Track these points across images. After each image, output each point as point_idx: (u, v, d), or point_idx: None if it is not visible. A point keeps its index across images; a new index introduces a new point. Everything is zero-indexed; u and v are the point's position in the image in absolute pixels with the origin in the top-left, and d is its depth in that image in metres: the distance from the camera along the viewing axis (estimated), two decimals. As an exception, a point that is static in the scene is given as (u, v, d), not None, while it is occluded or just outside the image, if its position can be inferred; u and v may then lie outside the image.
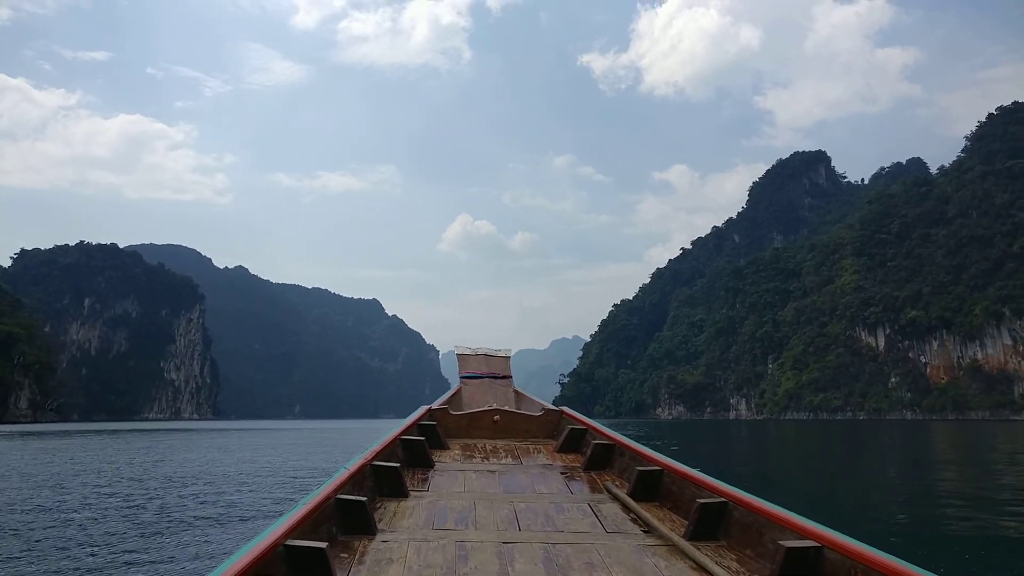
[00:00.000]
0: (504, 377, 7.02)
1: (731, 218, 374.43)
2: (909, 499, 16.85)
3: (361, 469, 3.58)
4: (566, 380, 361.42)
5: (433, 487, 4.08)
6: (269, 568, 2.18)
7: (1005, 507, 14.79)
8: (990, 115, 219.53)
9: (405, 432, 4.82)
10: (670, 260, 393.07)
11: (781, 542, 2.57)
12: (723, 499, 3.19)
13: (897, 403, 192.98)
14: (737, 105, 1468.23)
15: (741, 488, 3.22)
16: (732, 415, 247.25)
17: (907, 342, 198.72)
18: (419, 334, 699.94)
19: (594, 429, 5.18)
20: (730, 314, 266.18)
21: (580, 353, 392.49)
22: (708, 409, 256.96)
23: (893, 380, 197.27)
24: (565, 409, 5.98)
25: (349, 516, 3.03)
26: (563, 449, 5.28)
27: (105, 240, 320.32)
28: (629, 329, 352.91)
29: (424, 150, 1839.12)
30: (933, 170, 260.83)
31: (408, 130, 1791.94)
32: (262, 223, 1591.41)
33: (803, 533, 2.61)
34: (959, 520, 12.54)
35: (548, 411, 6.12)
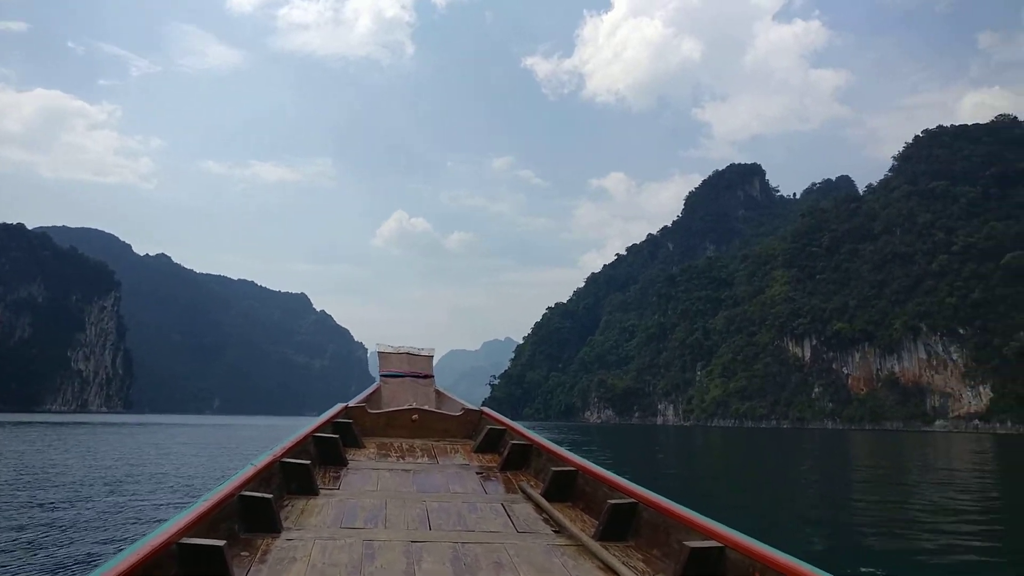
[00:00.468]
0: (426, 376, 7.04)
1: (666, 226, 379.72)
2: (815, 503, 18.22)
3: (269, 466, 3.49)
4: (496, 381, 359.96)
5: (345, 485, 4.03)
6: (160, 568, 2.11)
7: (905, 512, 16.30)
8: (916, 137, 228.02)
9: (319, 429, 4.74)
10: (605, 266, 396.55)
11: (686, 542, 2.63)
12: (633, 500, 3.23)
13: (819, 412, 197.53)
14: (676, 115, 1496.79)
15: (652, 490, 3.26)
16: (659, 420, 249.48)
17: (832, 353, 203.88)
18: (348, 331, 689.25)
19: (513, 430, 5.25)
20: (662, 320, 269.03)
21: (512, 355, 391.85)
22: (636, 414, 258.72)
23: (817, 390, 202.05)
24: (485, 409, 6.04)
25: (253, 514, 2.95)
26: (481, 449, 5.34)
27: (13, 220, 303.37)
28: (562, 332, 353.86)
29: (362, 144, 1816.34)
30: (860, 188, 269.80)
31: (346, 123, 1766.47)
32: (189, 211, 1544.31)
33: (707, 534, 2.67)
34: (860, 524, 13.90)
35: (468, 411, 6.14)
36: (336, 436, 4.68)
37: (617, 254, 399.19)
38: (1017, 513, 18.44)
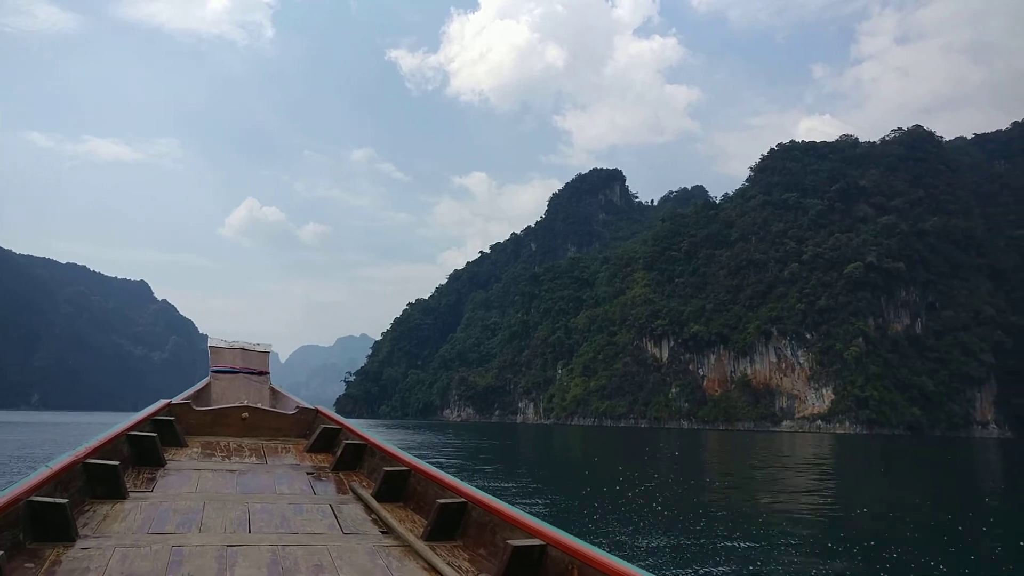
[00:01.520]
0: (261, 373, 6.88)
1: (530, 226, 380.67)
2: (651, 500, 18.94)
3: (67, 468, 3.24)
4: (352, 378, 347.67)
5: (159, 488, 3.84)
6: None
7: (740, 507, 18.37)
8: (772, 150, 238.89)
9: (134, 427, 4.51)
10: (468, 263, 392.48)
11: (510, 541, 2.70)
12: (463, 499, 3.28)
13: (676, 412, 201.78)
14: (538, 121, 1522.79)
15: (482, 489, 3.33)
16: (520, 419, 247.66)
17: (688, 355, 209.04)
18: (191, 322, 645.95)
19: (348, 429, 5.21)
20: (524, 319, 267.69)
21: (369, 352, 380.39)
22: (497, 412, 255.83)
23: (674, 390, 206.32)
24: (321, 408, 5.98)
25: (42, 521, 2.72)
26: (314, 449, 5.28)
27: None
28: (423, 329, 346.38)
29: (212, 127, 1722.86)
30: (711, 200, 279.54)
31: (195, 104, 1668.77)
32: (9, 186, 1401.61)
33: (531, 532, 2.75)
34: (689, 520, 15.66)
35: (303, 410, 6.05)
36: (154, 435, 4.41)
37: (481, 252, 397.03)
38: (842, 503, 22.13)
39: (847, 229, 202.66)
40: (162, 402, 5.46)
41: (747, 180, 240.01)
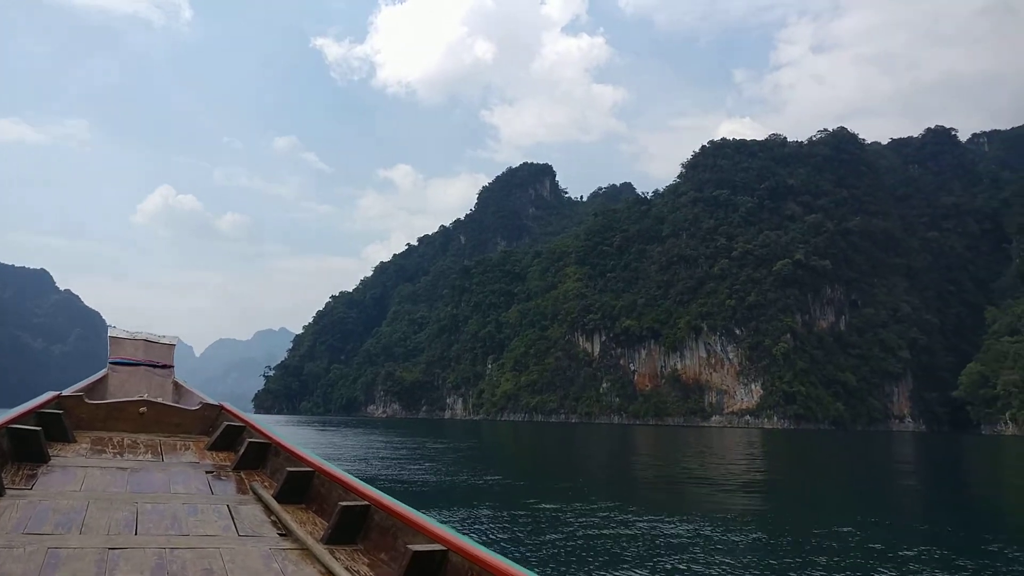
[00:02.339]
0: (164, 367, 6.62)
1: (459, 219, 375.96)
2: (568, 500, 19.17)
3: None
4: (272, 373, 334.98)
5: (40, 486, 3.61)
6: None
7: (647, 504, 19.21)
8: (703, 147, 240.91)
9: (16, 421, 4.26)
10: (395, 255, 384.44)
11: (410, 546, 2.66)
12: (366, 502, 3.21)
13: (607, 407, 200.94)
14: (466, 115, 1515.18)
15: (384, 491, 3.26)
16: (448, 415, 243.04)
17: (620, 350, 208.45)
18: (98, 314, 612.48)
19: (252, 427, 5.07)
20: (454, 312, 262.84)
21: (290, 346, 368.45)
22: (424, 408, 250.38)
23: (605, 385, 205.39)
24: (225, 405, 5.82)
25: None
26: (216, 447, 5.10)
27: None
28: (347, 322, 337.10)
29: (124, 109, 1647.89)
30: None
31: (106, 84, 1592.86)
32: None
33: (432, 537, 2.70)
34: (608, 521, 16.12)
35: (207, 406, 5.85)
36: (38, 428, 4.18)
37: (408, 244, 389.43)
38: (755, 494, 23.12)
39: (776, 227, 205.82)
40: (50, 394, 5.09)
41: (678, 176, 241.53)
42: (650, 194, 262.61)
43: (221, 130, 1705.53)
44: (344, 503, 3.18)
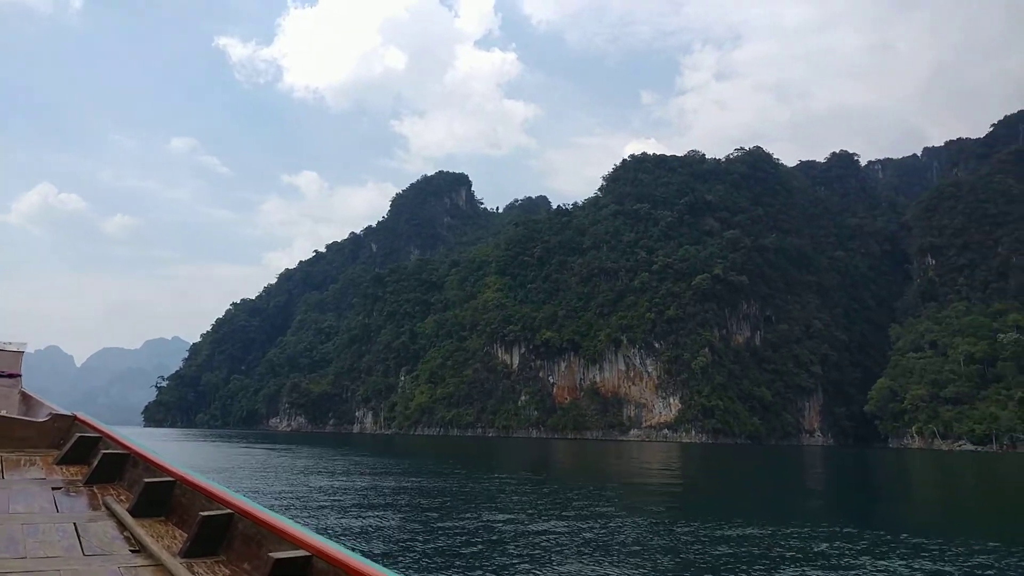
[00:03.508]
0: (10, 376, 6.35)
1: (370, 226, 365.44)
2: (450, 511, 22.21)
3: None
4: (165, 384, 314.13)
5: None
6: None
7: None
8: (624, 161, 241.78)
9: None
10: (301, 262, 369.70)
11: (271, 553, 2.60)
12: (229, 511, 3.09)
13: (525, 421, 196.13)
14: (375, 124, 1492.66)
15: (250, 499, 3.16)
16: (357, 428, 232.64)
17: (539, 362, 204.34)
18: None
19: (109, 437, 4.76)
20: (366, 322, 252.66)
21: (185, 355, 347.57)
22: (332, 421, 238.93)
23: (523, 398, 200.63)
24: (79, 415, 5.42)
25: None
26: (67, 460, 4.75)
27: None
28: (249, 331, 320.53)
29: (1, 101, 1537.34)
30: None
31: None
32: None
33: (297, 543, 2.65)
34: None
35: (57, 417, 5.43)
36: None
37: (316, 251, 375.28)
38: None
39: (695, 241, 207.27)
40: None
41: (599, 189, 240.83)
42: (573, 204, 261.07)
43: (109, 127, 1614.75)
44: (205, 513, 3.03)
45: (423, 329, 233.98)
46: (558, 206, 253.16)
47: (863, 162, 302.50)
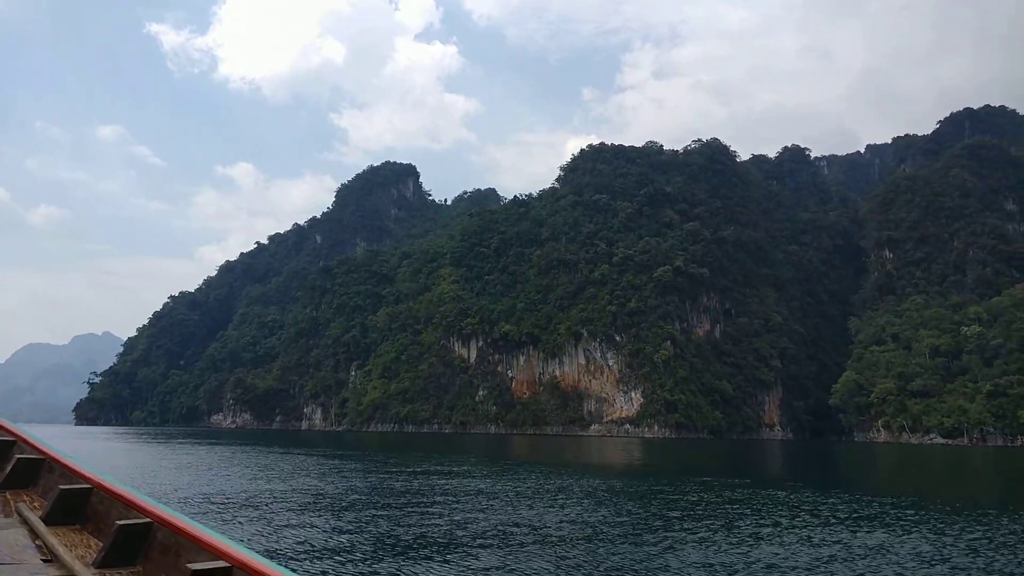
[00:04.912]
0: None
1: (315, 218, 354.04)
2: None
3: None
4: (98, 380, 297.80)
5: None
6: None
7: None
8: (582, 150, 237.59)
9: None
10: (243, 254, 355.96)
11: (189, 565, 2.52)
12: (147, 520, 2.98)
13: (483, 416, 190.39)
14: (313, 116, 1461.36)
15: (171, 507, 3.06)
16: (305, 425, 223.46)
17: (497, 356, 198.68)
18: None
19: (23, 441, 4.50)
20: (314, 315, 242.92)
21: (119, 350, 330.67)
22: (279, 418, 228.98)
23: (481, 393, 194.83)
24: None
25: None
26: None
27: None
28: (188, 325, 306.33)
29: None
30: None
31: None
32: None
33: (218, 554, 2.56)
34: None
35: None
36: None
37: (257, 243, 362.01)
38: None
39: (655, 233, 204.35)
40: None
41: (556, 180, 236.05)
42: (527, 195, 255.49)
43: (35, 113, 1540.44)
44: (122, 522, 2.90)
45: (375, 322, 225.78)
46: (515, 196, 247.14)
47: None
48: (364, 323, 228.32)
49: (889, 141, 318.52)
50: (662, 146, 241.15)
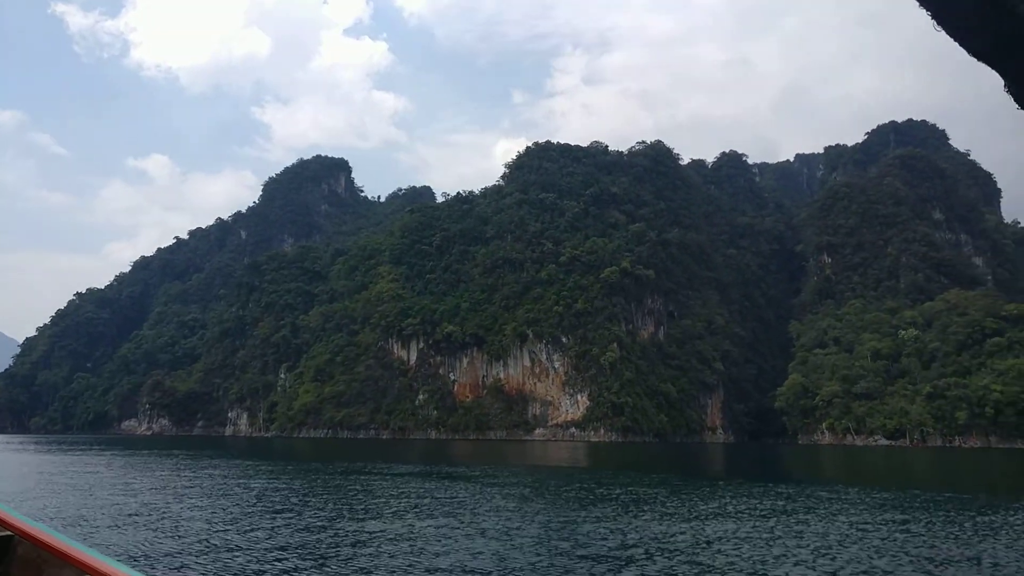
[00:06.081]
0: None
1: (240, 212, 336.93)
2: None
3: None
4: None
5: None
6: None
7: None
8: (528, 148, 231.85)
9: None
10: (160, 249, 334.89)
11: None
12: (8, 533, 2.82)
13: (423, 421, 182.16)
14: (234, 109, 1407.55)
15: (36, 520, 2.91)
16: (230, 431, 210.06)
17: (439, 358, 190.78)
18: None
19: None
20: (241, 313, 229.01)
21: (16, 351, 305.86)
22: (201, 423, 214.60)
23: (421, 397, 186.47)
24: None
25: None
26: None
27: None
28: (96, 324, 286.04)
29: None
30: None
31: None
32: None
33: (86, 569, 2.45)
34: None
35: None
36: None
37: (177, 238, 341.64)
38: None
39: (601, 233, 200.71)
40: None
41: (501, 177, 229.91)
42: (473, 191, 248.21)
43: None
44: None
45: (306, 322, 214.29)
46: (457, 192, 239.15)
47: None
48: (295, 323, 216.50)
49: (810, 152, 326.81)
50: (607, 146, 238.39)
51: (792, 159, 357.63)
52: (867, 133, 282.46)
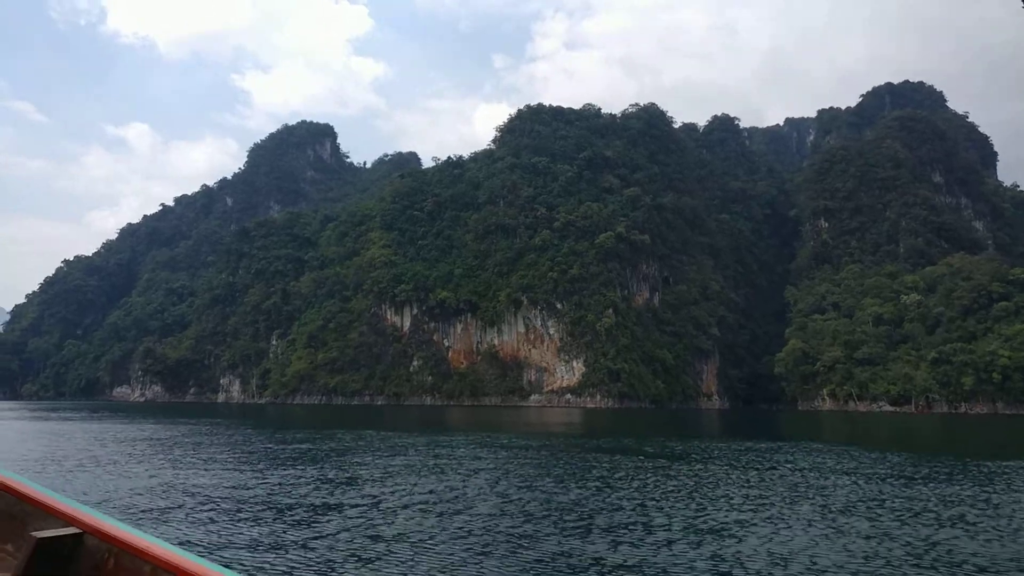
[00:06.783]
0: None
1: (225, 179, 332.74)
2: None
3: None
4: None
5: None
6: None
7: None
8: (519, 111, 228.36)
9: None
10: (147, 216, 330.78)
11: (35, 533, 2.37)
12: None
13: (418, 387, 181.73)
14: (214, 76, 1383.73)
15: (14, 472, 2.87)
16: (222, 397, 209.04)
17: (433, 324, 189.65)
18: None
19: None
20: (231, 280, 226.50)
21: (7, 319, 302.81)
22: (193, 390, 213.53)
23: (416, 363, 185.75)
24: None
25: None
26: None
27: None
28: (86, 291, 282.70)
29: None
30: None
31: None
32: None
33: (66, 519, 2.42)
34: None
35: None
36: None
37: (163, 204, 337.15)
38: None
39: (595, 198, 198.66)
40: None
41: (492, 141, 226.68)
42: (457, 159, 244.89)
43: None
44: None
45: (298, 288, 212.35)
46: (448, 157, 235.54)
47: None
48: (286, 289, 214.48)
49: (796, 116, 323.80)
50: (600, 109, 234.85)
51: (782, 123, 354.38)
52: (862, 95, 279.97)
